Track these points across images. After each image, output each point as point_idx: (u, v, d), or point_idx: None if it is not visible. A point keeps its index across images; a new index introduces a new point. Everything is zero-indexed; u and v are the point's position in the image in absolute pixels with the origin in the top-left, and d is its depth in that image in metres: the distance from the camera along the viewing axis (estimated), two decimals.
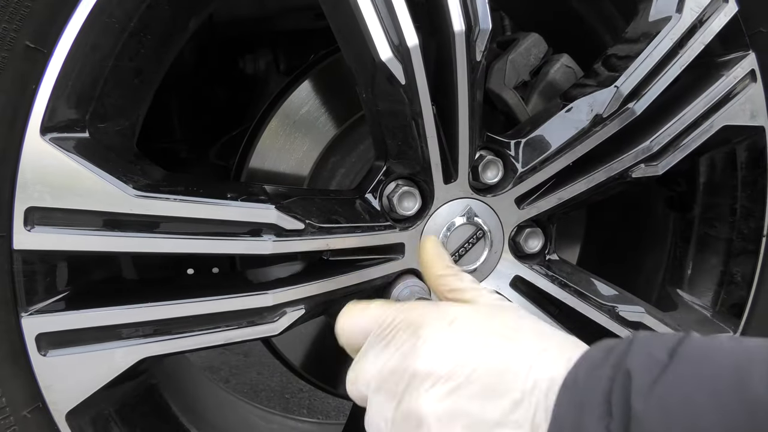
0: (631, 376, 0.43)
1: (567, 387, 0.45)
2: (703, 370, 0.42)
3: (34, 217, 0.60)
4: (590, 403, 0.43)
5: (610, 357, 0.45)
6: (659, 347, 0.44)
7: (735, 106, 0.83)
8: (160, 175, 0.67)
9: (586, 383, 0.44)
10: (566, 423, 0.44)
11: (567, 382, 0.45)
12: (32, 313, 0.63)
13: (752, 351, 0.42)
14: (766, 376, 0.40)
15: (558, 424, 0.44)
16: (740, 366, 0.41)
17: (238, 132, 1.09)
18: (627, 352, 0.44)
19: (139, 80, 0.67)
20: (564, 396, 0.45)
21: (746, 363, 0.41)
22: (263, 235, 0.66)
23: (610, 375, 0.43)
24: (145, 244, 0.63)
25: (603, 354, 0.45)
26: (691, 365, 0.43)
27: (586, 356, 0.46)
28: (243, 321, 0.67)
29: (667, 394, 0.41)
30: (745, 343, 0.44)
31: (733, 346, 0.43)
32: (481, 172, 0.75)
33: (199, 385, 1.06)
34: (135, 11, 0.62)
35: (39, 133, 0.59)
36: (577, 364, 0.46)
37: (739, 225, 0.92)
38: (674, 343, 0.44)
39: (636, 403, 0.41)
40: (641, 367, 0.43)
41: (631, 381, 0.42)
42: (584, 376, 0.45)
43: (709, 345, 0.44)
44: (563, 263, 0.84)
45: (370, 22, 0.64)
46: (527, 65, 0.86)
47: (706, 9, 0.79)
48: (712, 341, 0.45)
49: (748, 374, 0.40)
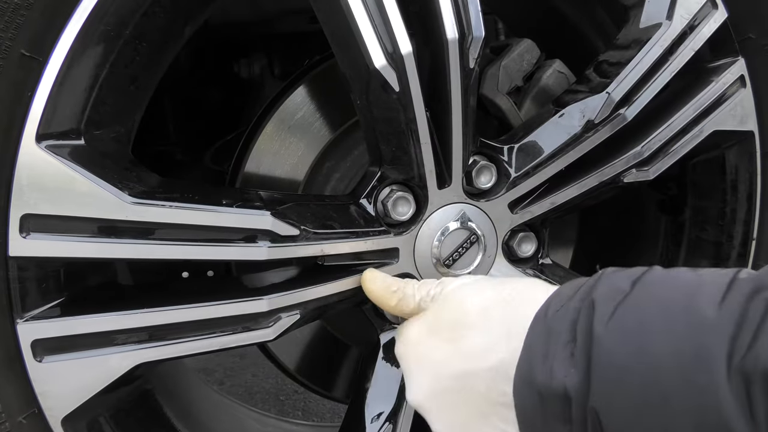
0: (595, 305, 0.46)
1: (538, 319, 0.50)
2: (659, 295, 0.45)
3: (29, 224, 0.60)
4: (557, 331, 0.47)
5: (579, 291, 0.49)
6: (623, 279, 0.48)
7: (725, 111, 0.84)
8: (155, 181, 0.67)
9: (554, 314, 0.49)
10: (536, 349, 0.48)
11: (538, 315, 0.50)
12: (28, 319, 0.63)
13: (704, 277, 0.45)
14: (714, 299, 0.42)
15: (528, 351, 0.49)
16: (692, 290, 0.44)
17: (234, 136, 1.09)
18: (594, 286, 0.48)
19: (134, 87, 0.67)
20: (535, 326, 0.50)
21: (697, 287, 0.44)
22: (258, 241, 0.66)
23: (577, 306, 0.48)
24: (140, 250, 0.63)
25: (573, 289, 0.50)
26: (648, 292, 0.46)
27: (558, 292, 0.51)
28: (238, 326, 0.68)
29: (624, 317, 0.45)
30: (700, 272, 0.47)
31: (689, 275, 0.47)
32: (475, 177, 0.76)
33: (194, 389, 1.07)
34: (130, 19, 0.62)
35: (35, 140, 0.59)
36: (549, 299, 0.51)
37: (729, 228, 0.93)
38: (637, 275, 0.48)
39: (597, 328, 0.45)
40: (605, 296, 0.47)
41: (594, 309, 0.46)
42: (554, 308, 0.49)
43: (668, 274, 0.48)
44: (556, 267, 0.85)
45: (364, 29, 0.65)
46: (520, 71, 0.87)
47: (696, 16, 0.80)
48: (672, 271, 0.48)
49: (698, 297, 0.43)
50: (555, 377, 0.46)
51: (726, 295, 0.42)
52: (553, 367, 0.46)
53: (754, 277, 0.43)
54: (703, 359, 0.41)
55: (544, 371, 0.47)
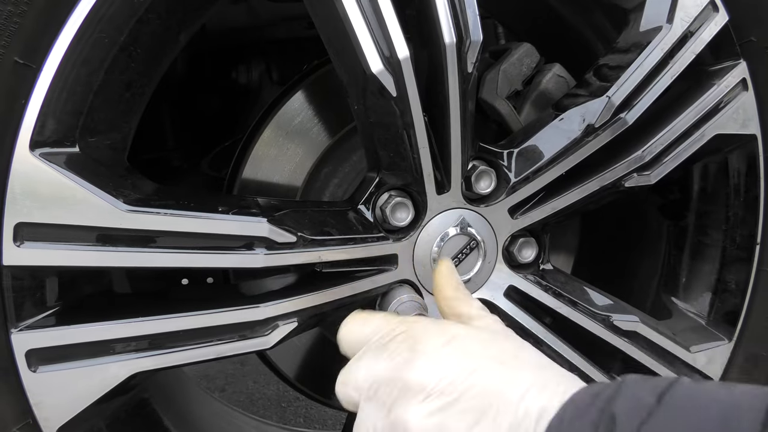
0: (616, 421, 0.42)
1: (552, 429, 0.44)
2: (690, 417, 0.41)
3: (23, 232, 0.60)
4: None
5: (597, 401, 0.44)
6: (647, 391, 0.44)
7: (727, 114, 0.84)
8: (151, 188, 0.66)
9: (570, 425, 0.44)
10: None
11: (552, 424, 0.45)
12: (22, 329, 0.62)
13: (739, 399, 0.42)
14: (753, 427, 0.39)
15: None
16: (727, 415, 0.41)
17: (231, 142, 1.08)
18: (615, 397, 0.44)
19: (129, 94, 0.67)
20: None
21: (733, 411, 0.41)
22: (255, 248, 0.66)
23: (596, 420, 0.43)
24: (136, 258, 0.63)
25: (591, 397, 0.45)
26: (677, 411, 0.42)
27: (574, 399, 0.46)
28: (235, 335, 0.67)
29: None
30: (733, 389, 0.43)
31: (721, 393, 0.43)
32: (474, 182, 0.75)
33: (193, 397, 1.06)
34: (125, 26, 0.61)
35: (28, 148, 0.59)
36: (564, 407, 0.45)
37: (732, 233, 0.92)
38: (663, 388, 0.44)
39: None
40: (627, 411, 0.42)
41: (615, 425, 0.42)
42: (569, 418, 0.44)
43: (698, 391, 0.43)
44: (557, 273, 0.84)
45: (361, 34, 0.64)
46: (520, 75, 0.86)
47: (697, 19, 0.79)
48: (701, 386, 0.44)
49: (735, 423, 0.40)
50: None
51: (765, 422, 0.39)
52: None
53: None
54: None
55: None
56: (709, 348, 0.90)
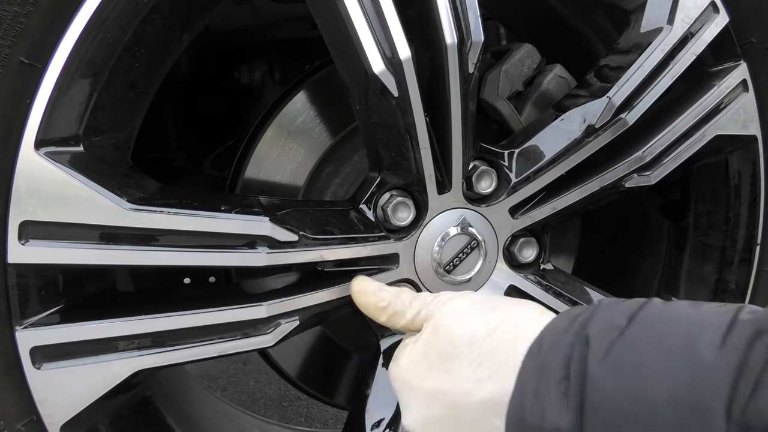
0: (590, 342, 0.45)
1: (531, 354, 0.48)
2: (657, 335, 0.44)
3: (28, 230, 0.60)
4: (550, 368, 0.46)
5: (574, 325, 0.47)
6: (619, 313, 0.46)
7: (727, 115, 0.84)
8: (154, 187, 0.67)
9: (548, 350, 0.47)
10: (528, 387, 0.47)
11: (532, 350, 0.48)
12: (27, 326, 0.63)
13: (704, 316, 0.44)
14: (713, 341, 0.41)
15: (520, 388, 0.47)
16: (691, 331, 0.43)
17: (234, 142, 1.09)
18: (589, 320, 0.47)
19: (133, 93, 0.67)
20: (528, 362, 0.48)
21: (696, 328, 0.43)
22: (257, 247, 0.66)
23: (571, 342, 0.46)
24: (139, 257, 0.63)
25: (567, 322, 0.48)
26: (646, 330, 0.44)
27: (551, 325, 0.49)
28: (237, 333, 0.67)
29: (620, 357, 0.44)
30: (699, 308, 0.45)
31: (688, 311, 0.45)
32: (475, 182, 0.76)
33: (195, 396, 1.06)
34: (129, 26, 0.62)
35: (33, 147, 0.59)
36: (542, 333, 0.49)
37: (733, 233, 0.92)
38: (634, 310, 0.46)
39: (592, 368, 0.44)
40: (600, 333, 0.45)
41: (589, 347, 0.45)
42: (548, 343, 0.48)
43: (666, 310, 0.46)
44: (558, 272, 0.84)
45: (363, 35, 0.65)
46: (521, 75, 0.87)
47: (697, 20, 0.79)
48: (670, 306, 0.46)
49: (697, 339, 0.42)
50: (547, 418, 0.45)
51: (726, 337, 0.41)
52: (545, 406, 0.45)
53: (756, 319, 0.42)
54: (701, 409, 0.39)
55: (535, 411, 0.45)
56: None
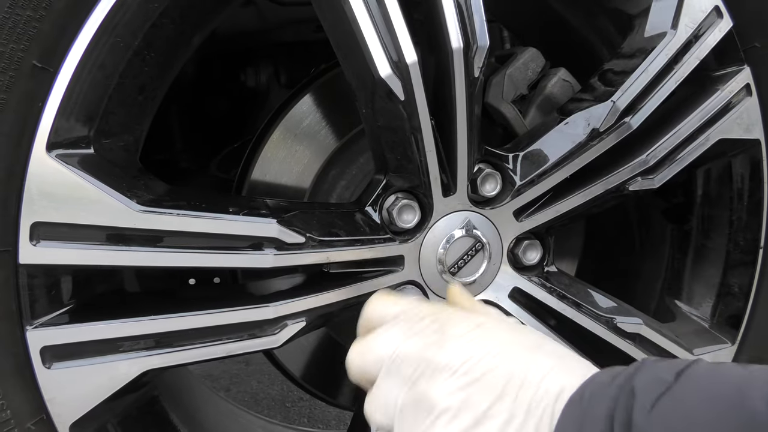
0: (635, 394, 0.44)
1: (572, 402, 0.46)
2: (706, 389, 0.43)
3: (39, 231, 0.61)
4: (593, 418, 0.44)
5: (618, 378, 0.46)
6: (666, 370, 0.45)
7: (730, 119, 0.84)
8: (163, 189, 0.68)
9: (591, 400, 0.45)
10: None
11: (573, 398, 0.47)
12: (37, 326, 0.63)
13: (755, 373, 0.43)
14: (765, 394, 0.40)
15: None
16: (742, 386, 0.42)
17: (240, 144, 1.10)
18: (634, 375, 0.46)
19: (143, 97, 0.68)
20: (569, 410, 0.46)
21: (748, 383, 0.42)
22: (264, 248, 0.67)
23: (615, 394, 0.44)
24: (148, 258, 0.64)
25: (611, 377, 0.47)
26: (694, 385, 0.43)
27: (595, 377, 0.48)
28: (244, 333, 0.68)
29: (669, 410, 0.42)
30: (750, 367, 0.45)
31: (738, 370, 0.44)
32: (480, 185, 0.76)
33: (200, 396, 1.07)
34: (139, 30, 0.63)
35: (45, 149, 0.60)
36: (585, 384, 0.47)
37: (736, 237, 0.92)
38: (682, 367, 0.45)
39: (637, 419, 0.42)
40: (646, 386, 0.44)
41: (634, 398, 0.43)
42: (590, 393, 0.46)
43: (715, 368, 0.45)
44: (561, 275, 0.85)
45: (369, 38, 0.65)
46: (525, 79, 0.87)
47: (701, 24, 0.80)
48: (719, 365, 0.46)
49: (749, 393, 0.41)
50: None
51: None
52: None
53: None
54: None
55: None
56: (712, 351, 0.90)
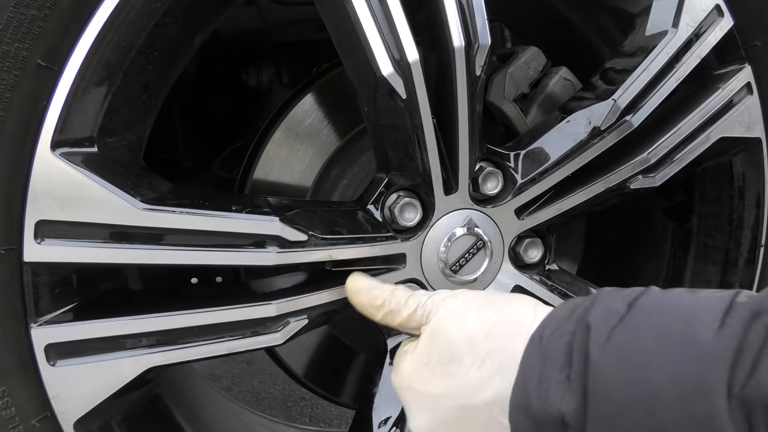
0: (591, 328, 0.46)
1: (533, 342, 0.49)
2: (656, 320, 0.45)
3: (44, 229, 0.61)
4: (553, 355, 0.47)
5: (574, 313, 0.48)
6: (619, 301, 0.47)
7: (731, 118, 0.85)
8: (166, 188, 0.68)
9: (550, 338, 0.48)
10: (531, 373, 0.48)
11: (533, 338, 0.50)
12: (41, 323, 0.64)
13: (703, 302, 0.45)
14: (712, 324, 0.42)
15: (524, 374, 0.48)
16: (689, 315, 0.43)
17: (242, 143, 1.10)
18: (590, 308, 0.48)
19: (146, 95, 0.68)
20: (530, 350, 0.49)
21: (695, 311, 0.44)
22: (267, 246, 0.67)
23: (572, 329, 0.47)
24: (152, 255, 0.64)
25: (568, 311, 0.49)
26: (645, 316, 0.45)
27: (552, 314, 0.51)
28: (247, 331, 0.68)
29: (621, 343, 0.44)
30: (697, 294, 0.46)
31: (686, 297, 0.46)
32: (481, 183, 0.76)
33: (202, 394, 1.07)
34: (143, 29, 0.63)
35: (49, 148, 0.61)
36: (543, 323, 0.50)
37: (737, 235, 0.93)
38: (633, 297, 0.47)
39: (593, 352, 0.45)
40: (600, 319, 0.46)
41: (590, 332, 0.46)
42: (549, 331, 0.49)
43: (665, 297, 0.47)
44: (563, 273, 0.85)
45: (371, 37, 0.66)
46: (526, 78, 0.88)
47: (702, 23, 0.80)
48: (669, 293, 0.47)
49: (695, 322, 0.43)
50: (551, 403, 0.45)
51: (724, 319, 0.42)
52: (549, 391, 0.46)
53: (753, 301, 0.42)
54: (702, 389, 0.40)
55: (539, 396, 0.46)
56: None
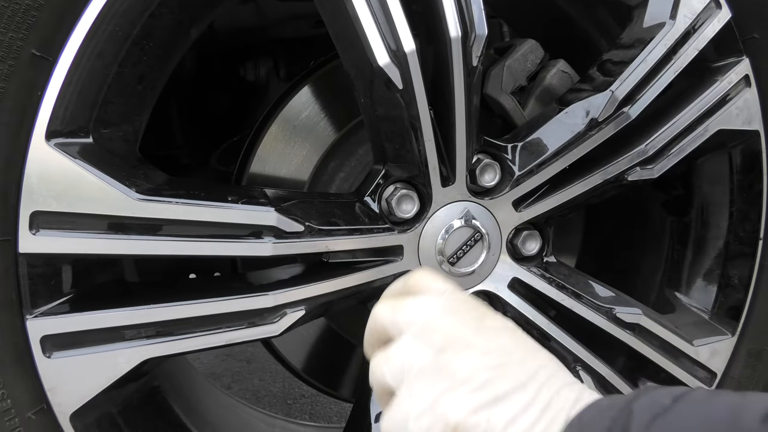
0: (633, 415, 0.45)
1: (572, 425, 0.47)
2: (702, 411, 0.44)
3: (39, 221, 0.61)
4: None
5: (617, 403, 0.47)
6: (665, 394, 0.47)
7: (730, 110, 0.84)
8: (162, 179, 0.68)
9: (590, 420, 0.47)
10: None
11: (573, 422, 0.47)
12: (37, 315, 0.64)
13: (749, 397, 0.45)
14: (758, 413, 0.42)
15: None
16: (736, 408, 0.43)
17: (239, 137, 1.10)
18: (634, 399, 0.47)
19: (141, 86, 0.68)
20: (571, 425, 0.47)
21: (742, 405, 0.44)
22: (263, 237, 0.67)
23: (614, 416, 0.46)
24: (148, 246, 0.64)
25: (610, 401, 0.48)
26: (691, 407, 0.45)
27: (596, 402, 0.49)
28: (244, 322, 0.68)
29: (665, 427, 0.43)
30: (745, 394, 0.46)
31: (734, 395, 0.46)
32: (479, 175, 0.76)
33: (201, 389, 1.07)
34: (138, 19, 0.63)
35: (44, 138, 0.61)
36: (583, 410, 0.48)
37: (736, 228, 0.92)
38: (680, 392, 0.47)
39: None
40: (644, 408, 0.45)
41: (632, 418, 0.45)
42: (589, 416, 0.47)
43: (712, 393, 0.47)
44: (561, 265, 0.85)
45: (368, 28, 0.65)
46: (524, 70, 0.87)
47: (700, 15, 0.80)
48: (716, 392, 0.47)
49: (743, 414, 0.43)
50: None
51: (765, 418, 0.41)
52: None
53: None
54: None
55: None
56: (712, 342, 0.90)
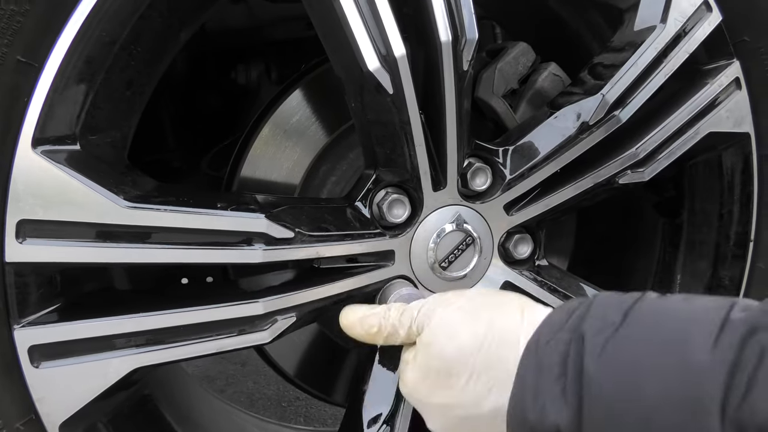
0: (585, 339, 0.46)
1: (529, 352, 0.50)
2: (650, 333, 0.45)
3: (25, 229, 0.61)
4: (548, 365, 0.47)
5: (569, 321, 0.48)
6: (614, 309, 0.47)
7: (720, 113, 0.85)
8: (151, 186, 0.67)
9: (545, 348, 0.48)
10: (527, 384, 0.48)
11: (529, 347, 0.50)
12: (25, 325, 0.63)
13: (697, 312, 0.45)
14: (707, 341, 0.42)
15: (520, 385, 0.49)
16: (684, 328, 0.44)
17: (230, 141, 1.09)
18: (584, 316, 0.48)
19: (130, 92, 0.68)
20: (526, 361, 0.49)
21: (690, 325, 0.44)
22: (254, 243, 0.66)
23: (568, 338, 0.47)
24: (136, 254, 0.63)
25: (563, 318, 0.49)
26: (640, 326, 0.46)
27: (548, 321, 0.51)
28: (234, 329, 0.68)
29: (616, 354, 0.45)
30: (694, 303, 0.46)
31: (682, 307, 0.46)
32: (470, 179, 0.76)
33: (194, 395, 1.06)
34: (126, 24, 0.62)
35: (30, 145, 0.60)
36: (539, 330, 0.50)
37: (726, 230, 0.93)
38: (628, 305, 0.47)
39: (588, 365, 0.45)
40: (595, 329, 0.46)
41: (584, 343, 0.46)
42: (544, 339, 0.49)
43: (660, 306, 0.47)
44: (552, 269, 0.85)
45: (358, 32, 0.65)
46: (515, 74, 0.87)
47: (691, 18, 0.80)
48: (664, 302, 0.47)
49: (690, 337, 0.43)
50: (547, 415, 0.46)
51: (719, 336, 0.42)
52: (545, 405, 0.46)
53: (748, 317, 0.42)
54: (696, 408, 0.40)
55: (535, 409, 0.47)
56: None
